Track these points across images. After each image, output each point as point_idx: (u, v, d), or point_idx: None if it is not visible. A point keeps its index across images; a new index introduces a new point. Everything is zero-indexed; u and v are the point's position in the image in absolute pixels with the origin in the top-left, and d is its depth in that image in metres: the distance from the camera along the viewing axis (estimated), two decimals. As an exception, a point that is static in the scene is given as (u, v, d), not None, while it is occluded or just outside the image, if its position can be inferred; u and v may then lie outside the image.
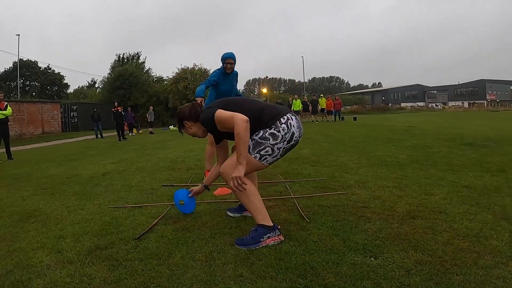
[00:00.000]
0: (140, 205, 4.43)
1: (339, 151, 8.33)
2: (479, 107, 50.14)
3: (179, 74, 40.00)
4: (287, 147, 3.05)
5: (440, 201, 3.83)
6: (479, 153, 7.14)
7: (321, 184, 4.99)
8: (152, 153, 10.63)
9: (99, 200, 4.85)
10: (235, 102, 3.14)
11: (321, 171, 5.95)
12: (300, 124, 3.15)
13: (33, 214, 4.30)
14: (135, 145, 14.43)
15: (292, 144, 3.07)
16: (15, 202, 5.04)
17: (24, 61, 50.58)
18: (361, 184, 4.84)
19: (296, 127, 3.07)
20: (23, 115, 26.28)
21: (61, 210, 4.42)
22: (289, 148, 3.09)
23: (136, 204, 4.52)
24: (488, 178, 4.87)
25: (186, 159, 8.54)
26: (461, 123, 17.50)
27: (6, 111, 11.09)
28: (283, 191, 4.70)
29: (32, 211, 4.45)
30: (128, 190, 5.44)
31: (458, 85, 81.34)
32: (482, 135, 10.46)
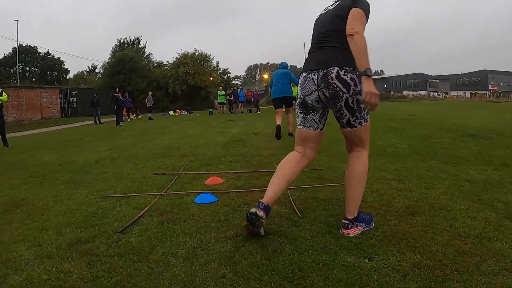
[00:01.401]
0: (128, 195, 4.27)
1: (339, 140, 7.99)
2: (481, 97, 49.61)
3: (179, 59, 39.71)
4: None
5: (440, 196, 3.63)
6: (482, 146, 6.92)
7: (317, 174, 4.81)
8: (149, 139, 10.45)
9: (87, 189, 4.70)
10: None
11: (319, 160, 5.72)
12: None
13: (19, 204, 4.17)
14: (133, 131, 14.25)
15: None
16: (3, 192, 4.90)
17: (24, 47, 50.12)
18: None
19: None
20: (22, 101, 26.08)
21: (47, 200, 4.28)
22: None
23: (125, 193, 4.36)
24: (491, 172, 4.66)
25: (182, 146, 8.37)
26: (463, 113, 17.21)
27: (2, 97, 10.89)
28: (277, 182, 4.51)
29: (19, 201, 4.31)
30: (118, 178, 5.29)
31: (461, 74, 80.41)
32: (484, 126, 10.22)
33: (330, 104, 2.72)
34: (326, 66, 2.62)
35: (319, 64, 2.67)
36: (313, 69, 2.71)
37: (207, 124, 15.39)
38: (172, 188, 4.54)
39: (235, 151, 7.11)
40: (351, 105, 2.65)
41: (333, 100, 2.67)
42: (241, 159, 6.21)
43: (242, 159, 6.25)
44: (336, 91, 2.61)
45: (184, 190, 4.35)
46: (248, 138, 9.02)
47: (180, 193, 4.21)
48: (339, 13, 2.66)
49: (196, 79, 37.93)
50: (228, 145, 8.00)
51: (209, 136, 10.01)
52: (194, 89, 38.91)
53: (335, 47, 2.64)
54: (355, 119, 2.71)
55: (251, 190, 4.13)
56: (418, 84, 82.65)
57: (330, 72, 2.60)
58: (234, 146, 7.79)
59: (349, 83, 2.59)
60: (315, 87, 2.70)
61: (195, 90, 39.06)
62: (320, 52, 2.73)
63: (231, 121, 16.94)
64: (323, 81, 2.64)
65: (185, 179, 4.98)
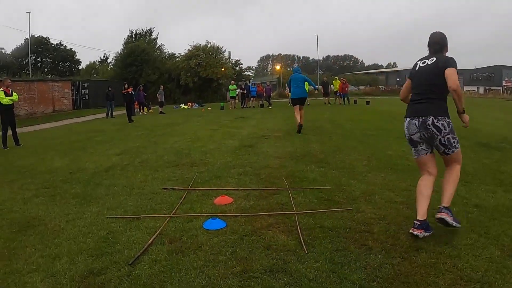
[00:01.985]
0: (137, 216, 4.37)
1: (348, 148, 8.11)
2: (494, 94, 48.71)
3: (191, 51, 39.70)
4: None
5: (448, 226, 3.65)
6: (493, 158, 6.90)
7: (326, 194, 4.84)
8: (159, 141, 10.54)
9: (98, 207, 4.82)
10: None
11: (328, 175, 5.80)
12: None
13: (31, 224, 4.29)
14: (144, 128, 14.35)
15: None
16: (16, 206, 5.04)
17: (36, 38, 50.40)
18: (367, 197, 4.67)
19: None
20: (34, 94, 26.30)
21: (59, 220, 4.39)
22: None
23: (135, 213, 4.48)
24: (501, 195, 4.67)
25: (192, 151, 8.44)
26: (477, 114, 16.73)
27: (13, 97, 11.08)
28: (286, 202, 4.57)
29: (32, 220, 4.44)
30: (128, 193, 5.40)
31: (474, 69, 78.94)
32: (497, 133, 10.10)
33: (429, 141, 3.64)
34: (424, 115, 3.55)
35: (419, 113, 3.61)
36: (415, 116, 3.65)
37: (217, 122, 15.39)
38: (181, 207, 4.62)
39: (245, 160, 7.17)
40: (444, 142, 3.57)
41: (431, 140, 3.61)
42: (251, 171, 6.27)
43: (252, 171, 6.31)
44: (432, 134, 3.55)
45: (193, 211, 4.44)
46: (258, 143, 9.05)
47: (189, 215, 4.28)
48: (437, 71, 3.53)
49: (208, 71, 37.94)
50: (238, 152, 8.06)
51: (219, 139, 10.07)
52: (206, 81, 38.94)
53: (432, 98, 3.56)
54: (448, 150, 3.61)
55: (259, 214, 4.18)
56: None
57: (427, 120, 3.54)
58: (244, 153, 7.85)
59: (440, 128, 3.51)
60: (417, 129, 3.64)
61: (206, 82, 39.10)
62: (421, 103, 3.62)
63: (242, 118, 16.95)
64: (423, 126, 3.58)
65: (194, 196, 5.06)
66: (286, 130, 11.39)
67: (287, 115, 16.74)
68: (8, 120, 11.16)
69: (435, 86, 3.55)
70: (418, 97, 3.69)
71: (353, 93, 42.98)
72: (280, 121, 14.55)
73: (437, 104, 3.54)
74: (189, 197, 5.04)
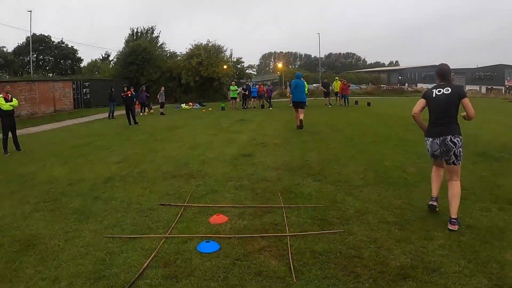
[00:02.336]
0: (134, 236, 4.46)
1: (346, 158, 8.15)
2: (496, 94, 48.51)
3: (192, 50, 39.66)
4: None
5: (438, 250, 3.72)
6: (491, 170, 6.89)
7: (320, 212, 4.90)
8: (158, 147, 10.61)
9: (96, 224, 4.91)
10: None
11: (323, 190, 5.86)
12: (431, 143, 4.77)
13: (32, 243, 4.38)
14: (144, 132, 14.40)
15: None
16: (17, 221, 5.12)
17: (38, 36, 50.57)
18: (361, 216, 4.72)
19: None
20: (35, 94, 26.35)
21: (58, 238, 4.49)
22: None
23: (131, 232, 4.59)
24: (495, 214, 4.70)
25: (191, 160, 8.52)
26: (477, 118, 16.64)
27: (13, 102, 11.16)
28: (279, 222, 4.64)
29: (32, 238, 4.53)
30: (126, 209, 5.49)
31: (476, 68, 78.75)
32: (497, 140, 10.05)
33: (446, 153, 4.59)
34: (444, 135, 4.56)
35: (440, 134, 4.60)
36: (436, 137, 4.62)
37: (217, 125, 15.44)
38: (177, 226, 4.72)
39: (242, 172, 7.24)
40: (456, 154, 4.54)
41: (448, 152, 4.56)
42: (247, 185, 6.35)
43: (248, 184, 6.38)
44: (449, 147, 4.54)
45: (189, 231, 4.55)
46: (256, 151, 9.12)
47: (184, 236, 4.38)
48: (453, 101, 4.59)
49: (209, 70, 37.90)
50: (236, 161, 8.13)
51: (218, 146, 10.14)
52: (207, 80, 38.88)
53: (449, 122, 4.59)
54: (456, 160, 4.56)
55: (253, 236, 4.26)
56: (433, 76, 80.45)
57: (446, 138, 4.54)
58: (242, 164, 7.92)
59: (456, 143, 4.53)
60: (438, 147, 4.62)
61: (208, 81, 39.05)
62: (441, 126, 4.63)
63: (242, 120, 17.01)
64: (443, 143, 4.57)
65: (190, 214, 5.15)
66: (285, 136, 11.46)
67: (287, 118, 16.81)
68: (8, 125, 11.23)
69: (451, 112, 4.61)
70: (438, 121, 4.68)
71: (355, 93, 42.94)
72: (280, 125, 14.59)
73: (453, 126, 4.60)
74: (185, 215, 5.12)
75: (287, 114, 18.62)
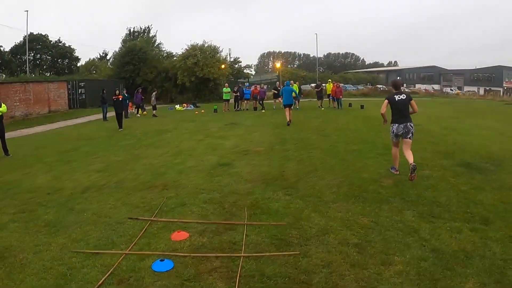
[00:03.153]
0: (96, 251, 4.54)
1: (325, 169, 8.05)
2: (494, 95, 48.25)
3: (188, 50, 39.66)
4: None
5: (393, 278, 3.64)
6: (472, 184, 6.73)
7: (280, 231, 4.87)
8: (142, 154, 10.63)
9: (65, 237, 5.03)
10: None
11: (291, 206, 5.82)
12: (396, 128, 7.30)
13: (3, 255, 4.54)
14: (132, 137, 14.40)
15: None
16: (-8, 233, 5.24)
17: (35, 35, 50.57)
18: (321, 237, 4.67)
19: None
20: (29, 95, 26.39)
21: (28, 251, 4.64)
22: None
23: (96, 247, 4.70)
24: (465, 236, 4.57)
25: (169, 169, 8.53)
26: (470, 123, 16.49)
27: (2, 108, 11.18)
28: (237, 241, 4.62)
29: (4, 250, 4.69)
30: (95, 222, 5.56)
31: (475, 69, 78.50)
32: (485, 149, 9.86)
33: (406, 133, 7.14)
34: (405, 122, 7.11)
35: (404, 122, 7.13)
36: (401, 123, 7.14)
37: (205, 130, 15.36)
38: (139, 242, 4.77)
39: (216, 183, 7.24)
40: (412, 132, 7.15)
41: (408, 132, 7.11)
42: (217, 198, 6.35)
43: (218, 198, 6.37)
44: (409, 129, 7.10)
45: (149, 247, 4.61)
46: (236, 160, 9.11)
47: (143, 253, 4.43)
48: (407, 102, 7.24)
49: (205, 71, 37.92)
50: (213, 172, 8.13)
51: (200, 154, 10.13)
52: (203, 81, 38.91)
53: (407, 115, 7.22)
54: (411, 136, 7.17)
55: (208, 255, 4.26)
56: (431, 77, 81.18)
57: (407, 124, 7.11)
58: (218, 174, 7.92)
59: (412, 126, 7.16)
60: (402, 129, 7.12)
61: (203, 82, 39.07)
62: (403, 117, 7.16)
63: (231, 124, 16.99)
64: (406, 127, 7.11)
65: (154, 229, 5.18)
66: (269, 143, 11.42)
67: (277, 122, 16.85)
68: (-3, 131, 11.31)
69: (407, 109, 7.33)
70: (401, 114, 7.24)
71: (351, 94, 42.93)
72: (268, 130, 14.52)
73: (409, 117, 7.30)
74: (150, 230, 5.16)
75: (278, 117, 18.64)
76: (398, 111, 7.22)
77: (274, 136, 12.83)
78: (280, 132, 13.53)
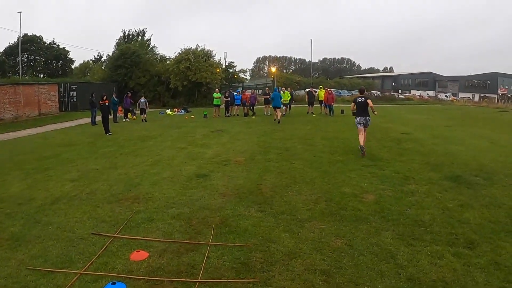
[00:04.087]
0: (52, 269, 4.39)
1: (304, 182, 7.83)
2: (488, 102, 48.21)
3: (181, 54, 39.45)
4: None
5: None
6: (460, 200, 6.50)
7: (245, 254, 4.65)
8: (120, 162, 10.39)
9: (24, 253, 4.89)
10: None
11: (261, 224, 5.59)
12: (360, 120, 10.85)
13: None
14: (115, 143, 14.08)
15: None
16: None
17: (29, 36, 50.22)
18: (288, 261, 4.42)
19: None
20: (19, 98, 26.12)
21: (-16, 269, 4.43)
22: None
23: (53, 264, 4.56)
24: (447, 262, 4.33)
25: (144, 180, 8.30)
26: (462, 131, 16.35)
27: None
28: (197, 264, 4.40)
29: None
30: (58, 237, 5.40)
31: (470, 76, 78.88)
32: (476, 160, 9.65)
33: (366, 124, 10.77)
34: (365, 117, 10.75)
35: (364, 116, 10.74)
36: (363, 117, 10.71)
37: (190, 137, 15.02)
38: (97, 261, 4.58)
39: (188, 197, 7.01)
40: (369, 123, 10.99)
41: (367, 123, 10.83)
42: (186, 214, 6.12)
43: (187, 213, 6.15)
44: (367, 121, 10.84)
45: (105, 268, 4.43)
46: (214, 171, 8.87)
47: (97, 274, 4.25)
48: (366, 103, 10.74)
49: (197, 75, 37.68)
50: (188, 184, 7.89)
51: (179, 163, 9.89)
52: (196, 85, 38.64)
53: (367, 112, 10.80)
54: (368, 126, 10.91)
55: (163, 279, 4.06)
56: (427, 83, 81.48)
57: (366, 118, 10.79)
58: (193, 186, 7.70)
59: (369, 119, 10.92)
60: (364, 121, 10.71)
61: (196, 86, 38.81)
62: (364, 112, 10.74)
63: (218, 131, 16.76)
64: (365, 120, 10.76)
65: (115, 247, 4.98)
66: (252, 153, 11.19)
67: (264, 129, 16.68)
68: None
69: (366, 108, 10.63)
70: (361, 111, 10.71)
71: (344, 100, 42.82)
72: (253, 138, 14.25)
73: (368, 113, 10.62)
74: (110, 247, 4.98)
75: (267, 125, 18.50)
76: (360, 109, 10.84)
77: (258, 145, 12.61)
78: (265, 141, 13.32)
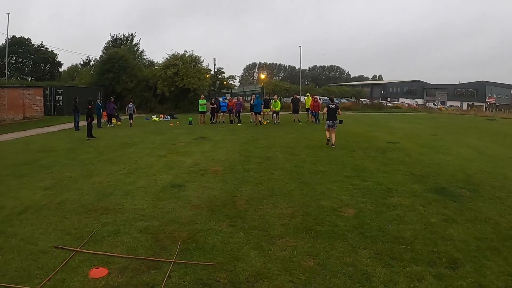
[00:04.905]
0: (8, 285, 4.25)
1: (282, 194, 7.70)
2: (476, 111, 48.72)
3: (168, 60, 39.25)
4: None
5: None
6: (444, 214, 6.37)
7: (208, 274, 4.47)
8: (96, 170, 10.17)
9: None
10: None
11: (230, 241, 5.41)
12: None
13: None
14: (94, 149, 13.78)
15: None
16: None
17: (17, 38, 49.71)
18: (253, 283, 4.24)
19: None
20: (4, 101, 25.71)
21: None
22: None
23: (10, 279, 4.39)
24: (427, 283, 4.15)
25: (117, 190, 8.11)
26: (449, 140, 16.46)
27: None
28: (157, 284, 4.22)
29: None
30: (20, 249, 5.21)
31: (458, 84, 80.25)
32: (462, 171, 9.59)
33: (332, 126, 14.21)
34: (333, 120, 14.26)
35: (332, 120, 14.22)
36: (331, 120, 14.23)
37: (171, 144, 14.84)
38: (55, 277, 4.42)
39: (159, 209, 6.85)
40: (335, 126, 14.34)
41: (334, 125, 14.25)
42: (154, 227, 5.96)
43: (156, 226, 5.99)
44: (334, 124, 14.30)
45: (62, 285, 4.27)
46: (190, 181, 8.72)
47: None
48: (335, 110, 14.39)
49: (185, 81, 37.46)
50: (161, 194, 7.72)
51: (156, 172, 9.73)
52: (183, 91, 38.40)
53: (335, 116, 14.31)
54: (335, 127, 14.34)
55: (118, 300, 3.91)
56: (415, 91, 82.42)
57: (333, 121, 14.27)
58: (166, 197, 7.53)
59: (336, 123, 14.41)
60: (331, 124, 14.23)
61: (183, 92, 38.57)
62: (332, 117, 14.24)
63: (201, 138, 16.57)
64: (332, 123, 14.26)
65: (76, 262, 4.82)
66: (231, 162, 11.06)
67: (248, 137, 16.60)
68: None
69: (334, 113, 14.30)
70: (330, 115, 14.28)
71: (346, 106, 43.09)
72: (235, 147, 14.13)
73: (335, 118, 14.27)
74: (71, 263, 4.80)
75: (252, 132, 18.43)
76: (330, 114, 14.25)
77: (240, 153, 12.49)
78: (247, 149, 13.22)
